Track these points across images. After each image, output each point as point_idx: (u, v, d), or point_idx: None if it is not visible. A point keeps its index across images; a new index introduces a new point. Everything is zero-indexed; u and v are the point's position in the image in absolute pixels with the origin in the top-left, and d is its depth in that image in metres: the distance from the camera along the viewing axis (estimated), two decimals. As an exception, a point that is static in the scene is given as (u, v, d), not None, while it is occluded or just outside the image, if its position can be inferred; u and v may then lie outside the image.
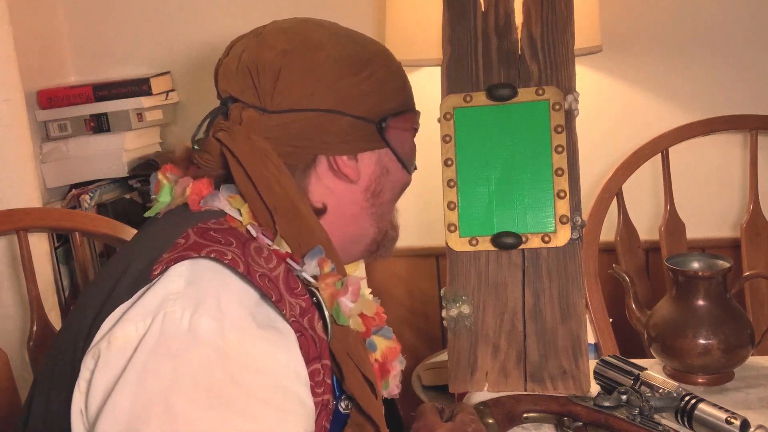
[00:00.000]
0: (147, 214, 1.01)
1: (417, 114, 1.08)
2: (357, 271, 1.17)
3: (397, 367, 1.05)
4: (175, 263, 0.86)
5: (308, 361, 0.88)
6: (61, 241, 1.80)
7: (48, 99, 1.93)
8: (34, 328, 1.40)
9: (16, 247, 1.46)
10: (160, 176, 1.02)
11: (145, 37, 2.07)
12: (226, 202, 0.95)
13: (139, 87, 1.92)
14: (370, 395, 0.93)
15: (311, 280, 0.93)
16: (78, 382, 0.84)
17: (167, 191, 1.00)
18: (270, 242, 0.93)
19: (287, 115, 0.97)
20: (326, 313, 0.92)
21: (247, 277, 0.86)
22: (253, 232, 0.93)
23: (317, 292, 0.92)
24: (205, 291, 0.84)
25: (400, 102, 1.04)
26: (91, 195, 1.86)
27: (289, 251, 0.94)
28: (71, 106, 1.92)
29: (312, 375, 0.89)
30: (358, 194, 1.03)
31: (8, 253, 1.65)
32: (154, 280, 0.86)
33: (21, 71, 1.67)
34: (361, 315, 0.96)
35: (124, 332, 0.83)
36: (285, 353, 0.86)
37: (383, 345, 1.02)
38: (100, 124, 1.92)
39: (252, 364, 0.83)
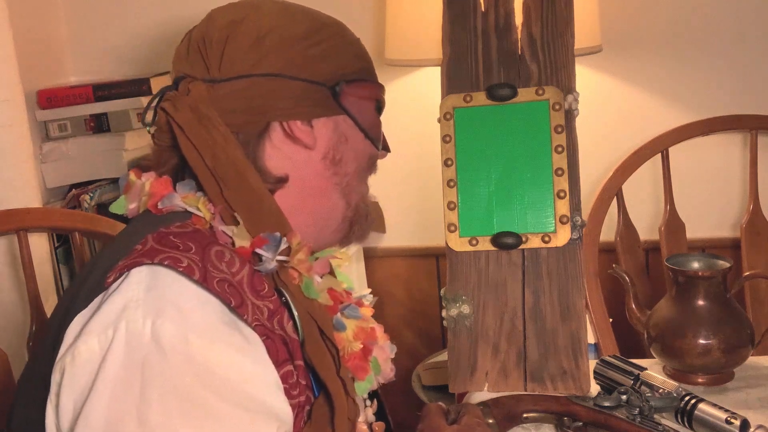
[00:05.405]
0: (111, 209, 1.00)
1: (378, 87, 1.06)
2: (351, 261, 1.16)
3: (387, 351, 1.03)
4: (128, 270, 0.85)
5: (278, 364, 0.87)
6: (61, 241, 1.79)
7: (48, 99, 1.92)
8: (34, 328, 1.40)
9: (16, 247, 1.46)
10: (132, 177, 0.99)
11: (145, 37, 2.07)
12: (183, 201, 0.93)
13: (139, 87, 1.91)
14: (330, 362, 0.92)
15: (284, 258, 0.91)
16: (50, 396, 0.84)
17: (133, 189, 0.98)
18: (227, 229, 0.91)
19: (236, 82, 0.96)
20: (295, 313, 0.90)
21: (204, 284, 0.84)
22: (209, 219, 0.91)
23: (284, 291, 0.91)
24: (165, 297, 0.83)
25: (356, 70, 1.02)
26: (91, 195, 1.86)
27: (250, 238, 0.91)
28: (71, 106, 1.91)
29: (284, 378, 0.87)
30: (318, 162, 1.00)
31: (8, 253, 1.64)
32: (111, 288, 0.85)
33: (21, 71, 1.67)
34: (330, 291, 0.94)
35: (87, 346, 0.81)
36: (251, 358, 0.84)
37: (353, 325, 0.99)
38: (100, 124, 1.91)
39: (218, 369, 0.81)
